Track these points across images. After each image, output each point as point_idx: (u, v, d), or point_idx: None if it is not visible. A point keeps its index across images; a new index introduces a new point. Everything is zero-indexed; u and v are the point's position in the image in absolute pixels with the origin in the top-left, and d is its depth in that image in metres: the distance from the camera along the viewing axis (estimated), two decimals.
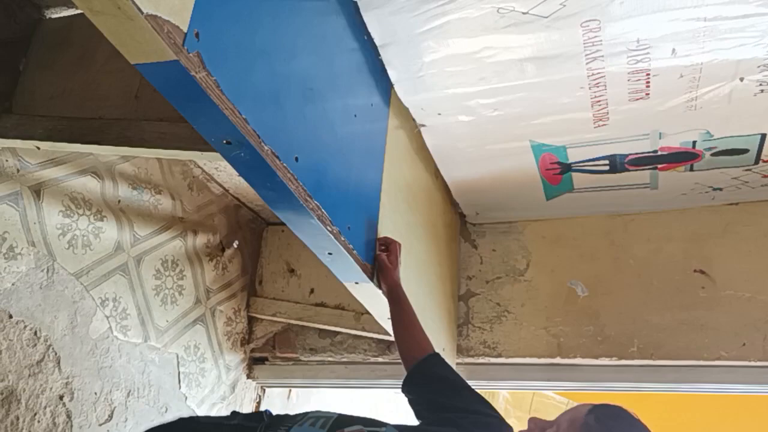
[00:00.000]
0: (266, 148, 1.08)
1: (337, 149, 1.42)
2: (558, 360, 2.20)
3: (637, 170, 2.04)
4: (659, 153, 1.95)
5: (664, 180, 2.08)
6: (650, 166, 2.02)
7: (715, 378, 2.08)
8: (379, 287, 1.55)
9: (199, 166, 2.25)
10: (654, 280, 2.19)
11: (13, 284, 1.54)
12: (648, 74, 1.64)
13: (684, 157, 1.96)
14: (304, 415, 1.28)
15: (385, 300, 1.56)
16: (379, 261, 1.54)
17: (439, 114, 1.85)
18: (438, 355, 1.41)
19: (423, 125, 1.91)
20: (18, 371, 1.55)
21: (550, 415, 1.29)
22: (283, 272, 2.61)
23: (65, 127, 1.45)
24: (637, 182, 2.11)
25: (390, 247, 1.57)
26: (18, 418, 1.54)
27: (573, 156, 2.02)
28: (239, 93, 0.99)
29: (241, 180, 2.42)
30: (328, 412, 1.28)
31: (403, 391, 1.38)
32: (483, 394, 1.36)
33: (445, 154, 2.07)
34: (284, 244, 2.64)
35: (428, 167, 2.14)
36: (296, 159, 1.18)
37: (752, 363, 2.02)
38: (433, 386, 1.35)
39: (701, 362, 2.06)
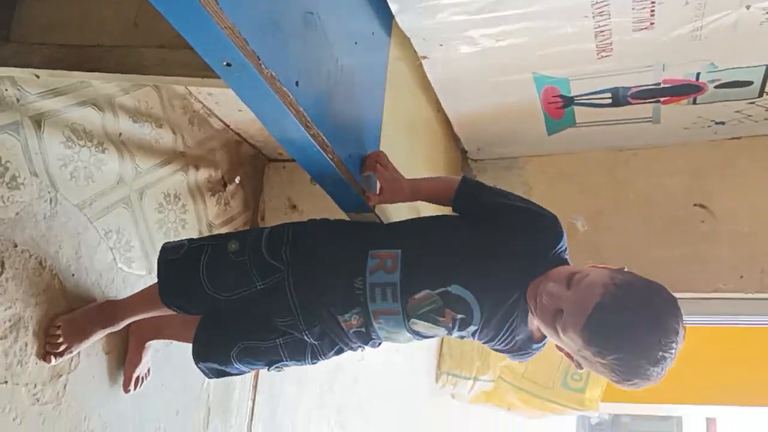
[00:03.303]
0: (266, 71, 1.07)
1: (338, 77, 1.41)
2: None
3: (639, 104, 2.03)
4: (662, 85, 1.93)
5: (666, 114, 2.07)
6: (653, 99, 2.01)
7: (712, 310, 2.12)
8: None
9: (199, 101, 2.24)
10: (654, 215, 2.20)
11: (17, 214, 1.55)
12: (653, 2, 1.62)
13: (687, 90, 1.95)
14: (363, 283, 1.40)
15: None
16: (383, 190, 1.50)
17: (441, 45, 1.83)
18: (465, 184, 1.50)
19: (425, 57, 1.89)
20: (25, 299, 1.57)
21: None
22: (285, 208, 2.61)
23: (64, 54, 1.44)
24: (640, 116, 2.10)
25: (379, 165, 1.49)
26: (26, 345, 1.57)
27: (575, 89, 2.00)
28: (238, 12, 0.98)
29: (242, 115, 2.42)
30: (387, 274, 1.39)
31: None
32: None
33: (447, 88, 2.06)
34: (286, 180, 2.64)
35: (430, 101, 2.13)
36: (297, 84, 1.18)
37: (749, 295, 2.05)
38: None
39: (699, 294, 2.09)
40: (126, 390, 1.84)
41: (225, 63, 1.03)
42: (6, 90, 1.53)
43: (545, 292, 1.26)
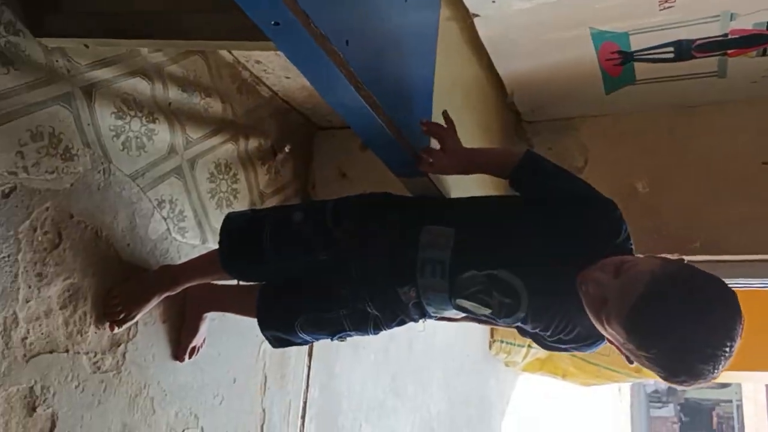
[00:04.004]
0: (316, 29, 1.04)
1: (389, 38, 1.37)
2: None
3: (704, 57, 1.93)
4: (730, 36, 1.83)
5: (733, 67, 1.96)
6: (719, 52, 1.90)
7: None
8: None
9: (247, 69, 2.22)
10: (719, 175, 2.11)
11: (71, 185, 1.56)
12: None
13: (756, 41, 1.84)
14: (415, 257, 1.39)
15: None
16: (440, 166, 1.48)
17: (493, 1, 1.76)
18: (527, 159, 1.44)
19: (477, 15, 1.83)
20: (82, 269, 1.59)
21: None
22: (336, 176, 2.59)
23: (111, 23, 1.43)
24: (704, 71, 2.00)
25: (442, 138, 1.48)
26: (85, 314, 1.59)
27: (636, 44, 1.91)
28: None
29: (290, 82, 2.40)
30: (437, 251, 1.38)
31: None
32: None
33: (499, 47, 1.98)
34: (336, 148, 2.61)
35: (482, 62, 2.06)
36: (347, 43, 1.14)
37: None
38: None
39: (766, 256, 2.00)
40: (181, 359, 1.86)
41: (273, 22, 1.00)
42: (57, 61, 1.53)
43: (591, 280, 1.21)
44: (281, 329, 1.61)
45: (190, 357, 1.88)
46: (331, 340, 1.61)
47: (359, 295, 1.48)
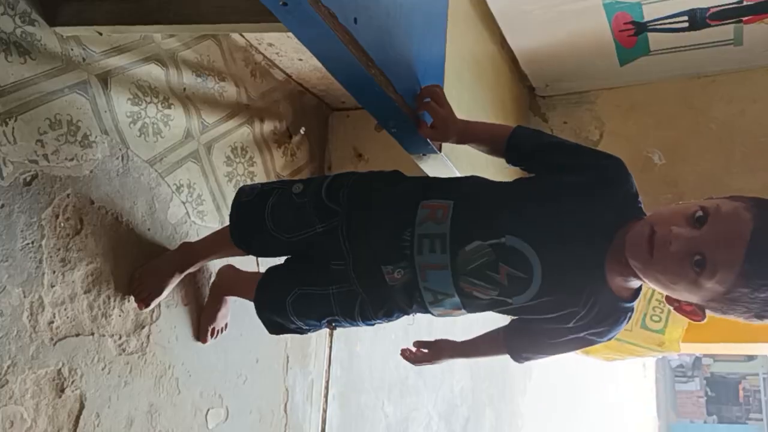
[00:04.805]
0: (323, 7, 1.05)
1: (398, 14, 1.37)
2: None
3: (719, 25, 1.91)
4: (745, 3, 1.81)
5: (749, 34, 1.94)
6: (734, 20, 1.88)
7: None
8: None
9: (260, 52, 2.23)
10: (737, 144, 2.09)
11: (91, 171, 1.59)
12: None
13: None
14: (412, 234, 1.32)
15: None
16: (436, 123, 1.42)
17: None
18: (521, 126, 1.40)
19: None
20: (104, 254, 1.62)
21: None
22: (351, 157, 2.60)
23: (124, 9, 1.45)
24: (720, 39, 1.98)
25: (434, 98, 1.42)
26: (109, 298, 1.62)
27: (649, 13, 1.90)
28: None
29: (303, 64, 2.41)
30: (435, 225, 1.31)
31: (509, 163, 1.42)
32: None
33: (511, 20, 1.98)
34: (350, 129, 2.63)
35: (494, 37, 2.06)
36: (355, 21, 1.15)
37: None
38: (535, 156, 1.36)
39: None
40: (202, 341, 1.89)
41: (281, 2, 1.01)
42: (72, 50, 1.55)
43: (672, 237, 1.06)
44: (274, 309, 1.58)
45: (211, 338, 1.91)
46: (320, 327, 1.58)
47: (347, 268, 1.43)
